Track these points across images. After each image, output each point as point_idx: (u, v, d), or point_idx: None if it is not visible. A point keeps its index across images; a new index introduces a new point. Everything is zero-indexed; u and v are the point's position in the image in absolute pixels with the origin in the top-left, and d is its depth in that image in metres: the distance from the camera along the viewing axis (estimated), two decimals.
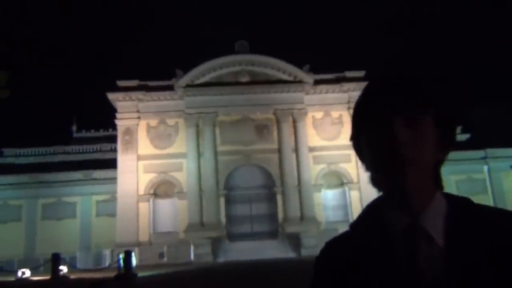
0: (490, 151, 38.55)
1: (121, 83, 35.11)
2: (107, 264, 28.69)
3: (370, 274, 1.15)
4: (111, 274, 19.25)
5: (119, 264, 18.17)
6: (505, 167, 38.00)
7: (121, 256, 18.19)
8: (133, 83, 35.13)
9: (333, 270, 1.24)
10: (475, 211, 1.16)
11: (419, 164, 1.13)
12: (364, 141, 1.20)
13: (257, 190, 34.79)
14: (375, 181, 1.21)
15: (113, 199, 34.95)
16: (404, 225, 1.15)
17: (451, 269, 1.09)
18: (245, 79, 35.36)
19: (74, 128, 48.18)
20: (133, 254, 18.39)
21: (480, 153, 38.37)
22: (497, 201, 37.42)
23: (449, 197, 1.21)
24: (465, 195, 1.20)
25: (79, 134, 47.69)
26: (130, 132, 34.38)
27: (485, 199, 37.20)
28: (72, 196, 36.66)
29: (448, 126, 1.20)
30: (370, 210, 1.28)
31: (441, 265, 1.10)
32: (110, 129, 43.03)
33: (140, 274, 20.08)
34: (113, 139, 38.27)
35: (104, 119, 43.63)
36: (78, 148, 43.77)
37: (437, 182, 1.20)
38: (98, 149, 43.59)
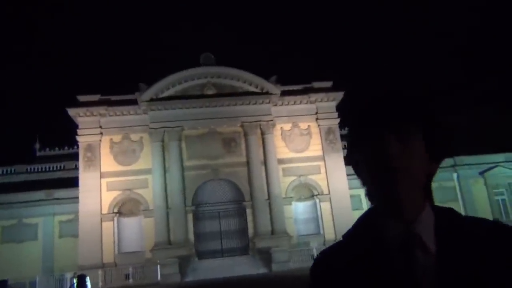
0: (459, 159, 38.65)
1: (82, 98, 33.84)
2: None
3: (368, 282, 1.20)
4: None
5: None
6: (474, 174, 38.13)
7: (75, 281, 16.96)
8: (95, 97, 33.92)
9: (329, 280, 1.28)
10: (461, 222, 1.25)
11: (410, 175, 1.20)
12: (359, 156, 1.28)
13: (226, 205, 33.84)
14: (371, 194, 1.30)
15: (77, 219, 33.27)
16: (401, 233, 1.22)
17: (444, 277, 1.16)
18: (211, 91, 34.57)
19: (37, 146, 46.48)
20: (87, 278, 17.20)
21: (449, 161, 38.41)
22: (467, 208, 37.41)
23: (436, 208, 1.29)
24: (437, 203, 1.29)
25: (43, 152, 46.02)
26: (92, 149, 33.06)
27: (456, 207, 36.29)
28: (34, 217, 34.97)
29: (437, 140, 1.27)
30: (364, 221, 1.35)
31: (434, 272, 1.17)
32: (75, 147, 41.48)
33: None
34: (77, 156, 36.77)
35: (69, 136, 42.13)
36: (41, 167, 42.11)
37: (427, 194, 1.28)
38: (62, 167, 42.01)
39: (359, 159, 1.30)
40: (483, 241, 1.19)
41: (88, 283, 17.28)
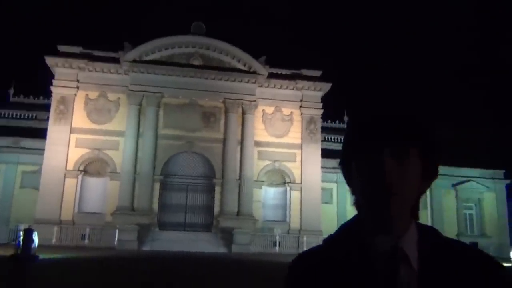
0: None
1: (62, 48, 32.45)
2: None
3: None
4: (11, 252, 17.18)
5: (18, 243, 16.12)
6: (446, 185, 38.17)
7: (21, 234, 16.13)
8: (76, 49, 32.57)
9: (309, 285, 1.27)
10: (443, 242, 1.27)
11: (403, 194, 1.20)
12: (354, 167, 1.27)
13: (195, 179, 33.16)
14: (359, 205, 1.31)
15: (41, 171, 32.28)
16: (387, 247, 1.23)
17: None
18: (197, 62, 33.55)
19: (11, 91, 44.75)
20: (35, 233, 16.38)
21: None
22: (435, 218, 37.58)
23: (419, 225, 1.30)
24: None
25: (16, 98, 44.28)
26: (65, 102, 31.83)
27: (424, 215, 37.25)
28: None
29: (433, 158, 1.27)
30: (347, 229, 1.34)
31: (416, 286, 1.19)
32: (51, 98, 40.12)
33: (45, 256, 18.10)
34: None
35: (46, 87, 40.71)
36: (12, 113, 40.52)
37: (414, 211, 1.27)
38: (34, 117, 40.49)
39: (352, 169, 1.29)
40: (463, 263, 1.23)
41: (35, 238, 16.46)
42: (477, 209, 39.01)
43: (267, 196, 34.17)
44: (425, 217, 37.09)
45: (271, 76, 34.55)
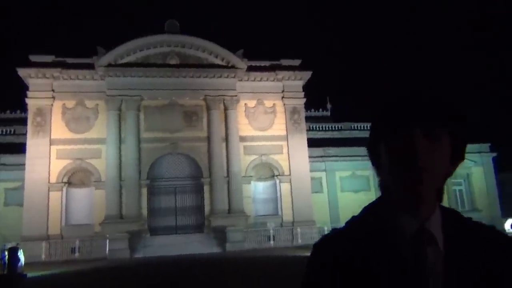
0: None
1: (34, 58, 31.48)
2: None
3: (377, 272, 1.21)
4: None
5: (3, 263, 15.48)
6: None
7: (6, 253, 15.49)
8: (48, 58, 31.61)
9: (334, 267, 1.26)
10: (466, 224, 1.31)
11: (434, 175, 1.22)
12: (384, 147, 1.28)
13: (183, 181, 32.60)
14: (385, 186, 1.32)
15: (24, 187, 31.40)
16: (415, 229, 1.24)
17: (451, 275, 1.21)
18: (174, 61, 32.89)
19: None
20: (20, 251, 15.76)
21: None
22: None
23: (443, 208, 1.32)
24: None
25: None
26: (42, 113, 30.94)
27: None
28: None
29: (461, 141, 1.29)
30: (371, 212, 1.34)
31: (442, 270, 1.22)
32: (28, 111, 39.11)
33: (34, 273, 17.48)
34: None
35: (22, 100, 39.73)
36: None
37: (439, 193, 1.29)
38: (12, 131, 39.49)
39: (382, 152, 1.29)
40: (486, 244, 1.26)
41: (21, 256, 15.85)
42: (466, 185, 39.11)
43: (257, 190, 33.77)
44: None
45: (251, 69, 34.07)
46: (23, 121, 39.27)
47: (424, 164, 1.20)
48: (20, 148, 33.14)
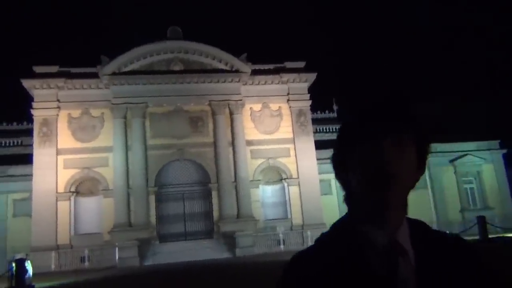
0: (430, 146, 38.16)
1: (39, 68, 31.59)
2: None
3: (348, 286, 1.19)
4: (5, 285, 16.44)
5: (11, 275, 15.39)
6: (444, 162, 37.76)
7: (14, 264, 15.40)
8: (53, 69, 31.70)
9: (305, 285, 1.23)
10: (433, 235, 1.31)
11: (401, 183, 1.22)
12: (352, 157, 1.27)
13: (191, 187, 32.46)
14: (352, 199, 1.31)
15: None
16: (385, 241, 1.23)
17: (421, 285, 1.20)
18: (178, 67, 32.85)
19: None
20: (27, 262, 15.66)
21: None
22: (436, 196, 37.16)
23: (409, 219, 1.31)
24: None
25: None
26: (48, 124, 31.00)
27: (425, 194, 36.82)
28: None
29: (426, 147, 1.30)
30: (340, 227, 1.32)
31: (413, 281, 1.20)
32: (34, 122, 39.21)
33: (42, 284, 17.38)
34: None
35: (28, 111, 39.92)
36: None
37: (405, 205, 1.28)
38: (19, 143, 39.61)
39: (348, 161, 1.29)
40: (454, 254, 1.27)
41: (29, 268, 15.75)
42: (477, 183, 38.62)
43: (265, 194, 33.55)
44: (426, 197, 36.67)
45: (255, 72, 33.93)
46: (30, 132, 39.47)
47: (392, 171, 1.20)
48: (27, 159, 33.24)
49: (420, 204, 35.49)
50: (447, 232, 1.38)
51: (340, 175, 1.35)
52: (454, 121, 45.07)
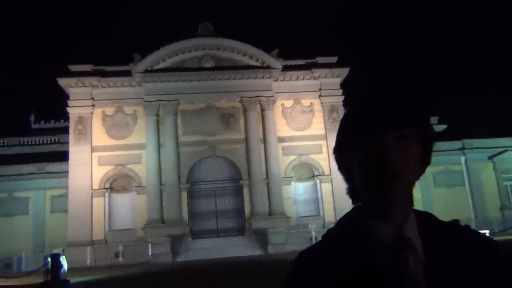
0: (467, 142, 36.99)
1: (74, 67, 32.26)
2: None
3: (358, 284, 1.17)
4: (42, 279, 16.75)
5: (46, 269, 15.66)
6: (483, 158, 36.46)
7: (49, 259, 15.66)
8: (87, 67, 32.32)
9: (313, 282, 1.22)
10: (442, 227, 1.27)
11: (406, 179, 1.20)
12: (353, 154, 1.26)
13: (222, 183, 32.49)
14: (356, 193, 1.30)
15: None
16: (393, 235, 1.21)
17: (432, 281, 1.17)
18: (209, 64, 32.89)
19: (32, 118, 45.17)
20: (62, 257, 15.90)
21: (457, 143, 36.76)
22: (474, 194, 35.92)
23: (416, 212, 1.29)
24: (442, 187, 2.66)
25: (37, 125, 44.70)
26: (83, 121, 31.63)
27: (462, 192, 35.70)
28: (25, 191, 33.82)
29: (430, 143, 1.28)
30: (347, 222, 1.32)
31: (422, 275, 1.18)
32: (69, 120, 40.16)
33: (77, 279, 17.65)
34: None
35: (64, 109, 40.92)
36: (34, 140, 40.89)
37: (411, 197, 1.27)
38: (56, 140, 40.70)
39: (351, 158, 1.27)
40: (464, 246, 1.23)
41: (64, 263, 15.98)
42: None
43: (297, 191, 33.24)
44: (464, 195, 35.54)
45: (286, 68, 33.60)
46: (67, 130, 40.49)
47: (396, 169, 1.18)
48: (64, 156, 34.09)
49: (457, 202, 34.43)
50: (457, 223, 1.32)
51: (342, 169, 1.33)
52: (493, 116, 43.53)
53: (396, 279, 1.17)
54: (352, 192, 1.32)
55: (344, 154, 1.30)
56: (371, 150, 1.21)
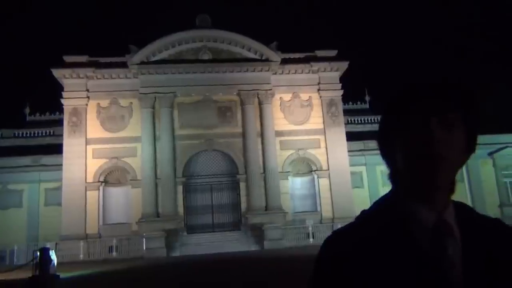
0: None
1: (68, 58, 31.67)
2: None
3: (394, 265, 1.16)
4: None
5: (35, 264, 15.24)
6: (483, 154, 36.05)
7: (38, 254, 15.23)
8: (82, 58, 31.75)
9: (347, 261, 1.20)
10: (477, 216, 1.29)
11: (450, 163, 1.20)
12: (397, 139, 1.25)
13: (219, 178, 32.04)
14: (397, 177, 1.28)
15: None
16: (433, 220, 1.21)
17: (469, 266, 1.18)
18: (206, 56, 32.34)
19: (27, 111, 44.53)
20: (52, 251, 15.49)
21: None
22: (473, 190, 35.55)
23: (453, 201, 1.29)
24: None
25: (32, 117, 44.06)
26: (77, 113, 31.10)
27: (462, 188, 35.27)
28: (19, 184, 33.34)
29: (475, 129, 1.27)
30: (384, 204, 1.30)
31: (460, 262, 1.18)
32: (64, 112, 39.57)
33: (68, 274, 17.22)
34: None
35: (59, 102, 40.32)
36: (29, 132, 40.29)
37: (453, 184, 1.26)
38: (51, 133, 40.09)
39: (393, 138, 1.26)
40: (499, 235, 1.25)
41: (54, 257, 15.59)
42: None
43: (294, 186, 32.80)
44: (463, 191, 35.13)
45: (285, 61, 33.08)
46: (62, 123, 39.95)
47: (441, 151, 1.17)
48: (59, 149, 33.54)
49: (456, 198, 32.72)
50: (487, 215, 1.33)
51: (384, 152, 1.32)
52: (493, 112, 43.09)
53: (436, 262, 1.16)
54: (393, 176, 1.30)
55: (388, 139, 1.28)
56: (416, 132, 1.20)
